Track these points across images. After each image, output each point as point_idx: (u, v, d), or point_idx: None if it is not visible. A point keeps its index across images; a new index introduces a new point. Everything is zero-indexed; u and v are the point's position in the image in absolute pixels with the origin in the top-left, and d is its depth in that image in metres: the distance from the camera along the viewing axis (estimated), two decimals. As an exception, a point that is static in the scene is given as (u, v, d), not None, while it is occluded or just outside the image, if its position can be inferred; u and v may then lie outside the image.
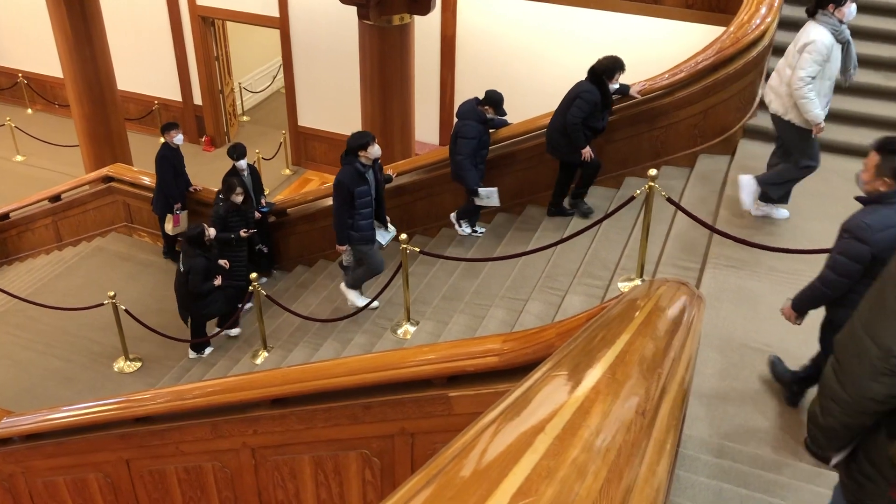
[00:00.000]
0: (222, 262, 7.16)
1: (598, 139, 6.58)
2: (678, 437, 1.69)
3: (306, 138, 12.39)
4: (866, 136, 5.54)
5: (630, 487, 1.03)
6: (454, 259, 6.88)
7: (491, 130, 6.95)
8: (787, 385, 4.08)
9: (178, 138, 8.25)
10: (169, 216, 8.48)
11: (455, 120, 6.89)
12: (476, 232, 7.35)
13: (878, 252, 3.23)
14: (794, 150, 5.40)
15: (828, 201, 5.81)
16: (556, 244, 6.06)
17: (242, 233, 7.49)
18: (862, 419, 1.69)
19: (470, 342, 3.61)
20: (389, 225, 6.79)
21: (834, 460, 1.91)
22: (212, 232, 7.01)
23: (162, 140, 8.32)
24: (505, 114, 6.89)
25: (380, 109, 8.42)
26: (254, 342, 7.19)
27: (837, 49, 5.11)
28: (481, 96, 6.80)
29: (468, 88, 10.09)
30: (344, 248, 6.58)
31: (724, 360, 4.38)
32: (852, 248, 3.32)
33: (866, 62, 6.75)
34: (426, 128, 10.74)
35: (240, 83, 13.82)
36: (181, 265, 7.03)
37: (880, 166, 3.28)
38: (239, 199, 7.40)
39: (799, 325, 3.80)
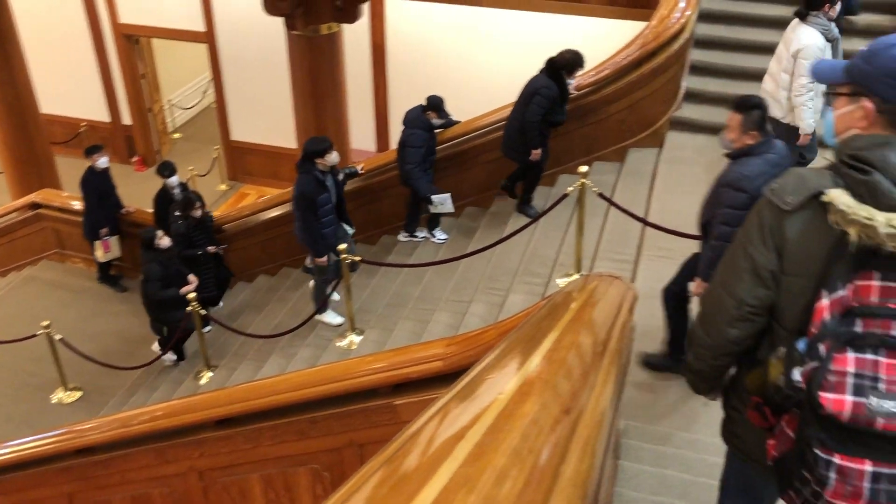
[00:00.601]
0: (191, 277, 6.97)
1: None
2: (611, 431, 1.73)
3: (241, 153, 12.22)
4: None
5: (551, 488, 1.05)
6: (396, 266, 6.88)
7: (440, 131, 6.96)
8: None
9: (103, 161, 7.99)
10: (98, 243, 8.24)
11: (402, 127, 6.83)
12: (417, 237, 7.35)
13: (757, 197, 3.43)
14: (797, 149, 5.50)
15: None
16: (495, 244, 6.12)
17: (211, 249, 7.35)
18: (726, 360, 2.07)
19: (414, 349, 3.61)
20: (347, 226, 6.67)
21: (712, 397, 2.28)
22: (165, 241, 6.78)
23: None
24: (449, 114, 6.90)
25: (313, 119, 8.34)
26: (196, 363, 7.06)
27: (829, 48, 5.17)
28: (415, 101, 6.79)
29: (401, 94, 10.11)
30: (323, 259, 6.32)
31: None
32: (737, 199, 3.57)
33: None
34: (361, 135, 10.69)
35: (169, 100, 13.55)
36: (142, 273, 6.88)
37: (744, 123, 3.61)
38: (198, 213, 7.27)
39: None
